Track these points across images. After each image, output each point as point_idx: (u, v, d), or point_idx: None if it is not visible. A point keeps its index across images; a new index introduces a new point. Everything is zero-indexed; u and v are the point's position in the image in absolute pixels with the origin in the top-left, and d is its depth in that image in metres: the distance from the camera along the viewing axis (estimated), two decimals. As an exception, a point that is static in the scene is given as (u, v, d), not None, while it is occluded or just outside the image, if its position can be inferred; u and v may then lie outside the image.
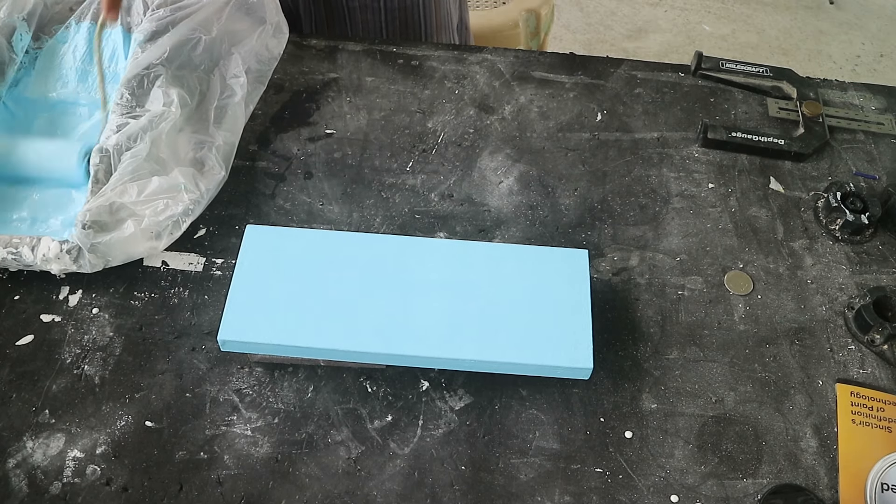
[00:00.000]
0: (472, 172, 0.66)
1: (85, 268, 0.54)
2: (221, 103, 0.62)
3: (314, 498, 0.48)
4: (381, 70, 0.74)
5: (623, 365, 0.55)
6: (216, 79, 0.62)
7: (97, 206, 0.54)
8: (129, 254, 0.56)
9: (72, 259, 0.54)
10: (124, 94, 0.59)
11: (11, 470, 0.48)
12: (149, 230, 0.55)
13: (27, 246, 0.54)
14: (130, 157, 0.56)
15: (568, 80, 0.74)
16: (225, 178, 0.60)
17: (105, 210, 0.54)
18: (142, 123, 0.57)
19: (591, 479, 0.50)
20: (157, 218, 0.55)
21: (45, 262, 0.54)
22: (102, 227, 0.54)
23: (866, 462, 0.50)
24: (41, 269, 0.55)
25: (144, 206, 0.55)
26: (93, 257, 0.54)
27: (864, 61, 2.10)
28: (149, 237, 0.55)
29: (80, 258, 0.54)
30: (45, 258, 0.54)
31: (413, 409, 0.52)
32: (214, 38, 0.62)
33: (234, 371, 0.54)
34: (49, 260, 0.54)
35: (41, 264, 0.54)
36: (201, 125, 0.61)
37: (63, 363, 0.53)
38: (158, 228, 0.55)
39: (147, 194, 0.55)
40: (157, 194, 0.56)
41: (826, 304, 0.58)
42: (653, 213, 0.64)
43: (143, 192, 0.55)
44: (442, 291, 0.52)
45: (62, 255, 0.54)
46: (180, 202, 0.56)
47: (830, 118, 0.71)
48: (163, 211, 0.55)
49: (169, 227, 0.56)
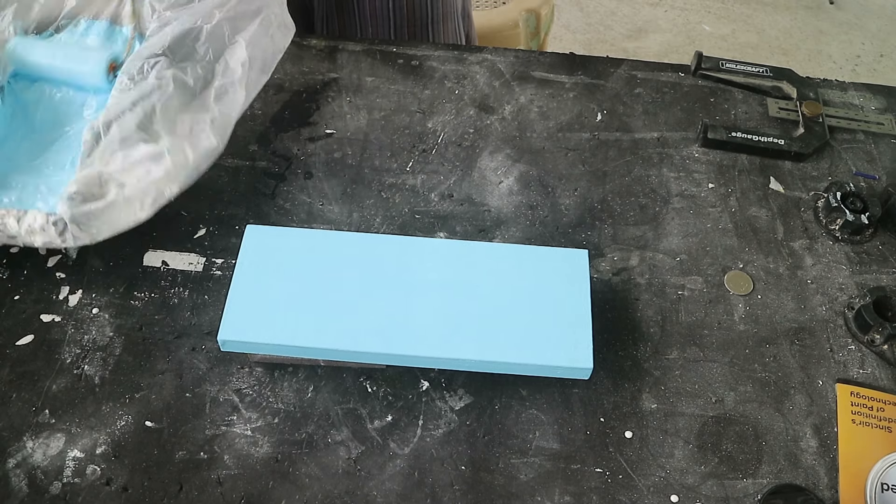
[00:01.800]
0: (472, 172, 0.66)
1: (68, 241, 0.53)
2: (222, 82, 0.61)
3: (314, 498, 0.48)
4: (381, 70, 0.74)
5: (623, 365, 0.55)
6: (220, 66, 0.62)
7: (84, 177, 0.53)
8: (114, 225, 0.54)
9: (57, 232, 0.52)
10: (124, 80, 0.58)
11: (11, 470, 0.49)
12: (133, 199, 0.53)
13: (13, 217, 0.53)
14: (117, 126, 0.55)
15: (568, 80, 0.74)
16: (218, 150, 0.58)
17: (93, 181, 0.53)
18: (132, 96, 0.56)
19: (591, 479, 0.50)
20: (140, 185, 0.53)
21: (29, 234, 0.53)
22: (90, 200, 0.53)
23: (866, 462, 0.50)
24: (25, 242, 0.53)
25: (128, 175, 0.54)
26: (75, 229, 0.52)
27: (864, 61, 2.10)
28: (132, 206, 0.54)
29: (64, 232, 0.53)
30: (29, 229, 0.53)
31: (413, 409, 0.52)
32: (216, 28, 0.62)
33: (234, 371, 0.54)
34: (34, 231, 0.53)
35: (25, 236, 0.53)
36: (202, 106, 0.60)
37: (63, 363, 0.53)
38: (142, 196, 0.54)
39: (131, 161, 0.54)
40: (141, 161, 0.54)
41: (826, 304, 0.58)
42: (653, 213, 0.64)
43: (127, 160, 0.54)
44: (442, 291, 0.52)
45: (48, 226, 0.52)
46: (163, 166, 0.54)
47: (830, 118, 0.71)
48: (144, 177, 0.54)
49: (152, 193, 0.54)
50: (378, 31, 0.86)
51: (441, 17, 0.88)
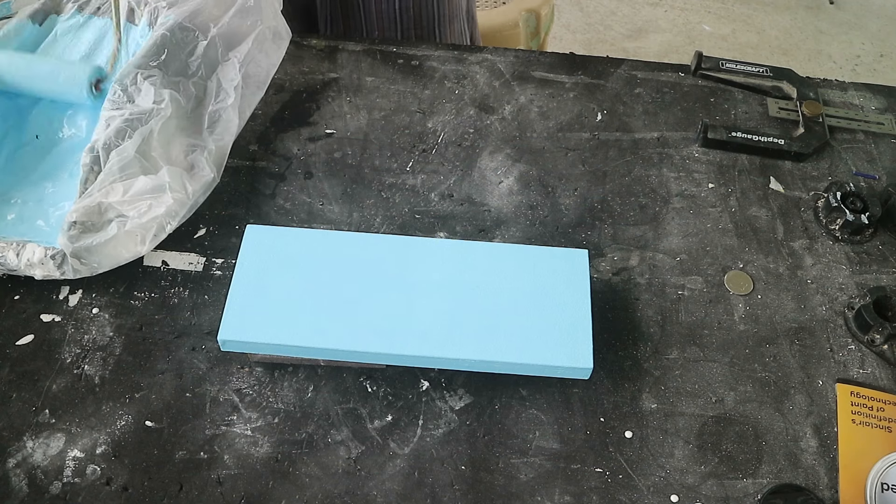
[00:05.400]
0: (472, 172, 0.66)
1: (68, 274, 0.53)
2: (216, 107, 0.61)
3: (314, 498, 0.48)
4: (381, 70, 0.74)
5: (623, 365, 0.55)
6: (213, 84, 0.62)
7: (84, 207, 0.53)
8: (114, 259, 0.55)
9: (56, 265, 0.53)
10: (117, 91, 0.58)
11: (11, 470, 0.49)
12: (133, 233, 0.54)
13: (12, 251, 0.53)
14: (117, 154, 0.55)
15: (568, 80, 0.74)
16: (215, 181, 0.59)
17: (93, 211, 0.53)
18: (130, 119, 0.56)
19: (591, 479, 0.50)
20: (141, 220, 0.54)
21: (28, 268, 0.53)
22: (90, 230, 0.53)
23: (866, 462, 0.50)
24: (25, 274, 0.54)
25: (129, 207, 0.54)
26: (76, 262, 0.53)
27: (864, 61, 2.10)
28: (133, 240, 0.54)
29: (63, 264, 0.53)
30: (28, 263, 0.53)
31: (413, 408, 0.52)
32: (211, 43, 0.62)
33: (234, 371, 0.54)
34: (33, 265, 0.53)
35: (25, 269, 0.53)
36: (195, 129, 0.60)
37: (63, 363, 0.53)
38: (143, 231, 0.54)
39: (132, 194, 0.54)
40: (141, 194, 0.54)
41: (826, 304, 0.58)
42: (653, 213, 0.64)
43: (128, 192, 0.54)
44: (442, 291, 0.52)
45: (46, 260, 0.53)
46: (164, 203, 0.55)
47: (830, 118, 0.71)
48: (146, 212, 0.54)
49: (153, 229, 0.55)
50: (384, 33, 0.85)
51: (448, 19, 0.88)
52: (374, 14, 0.84)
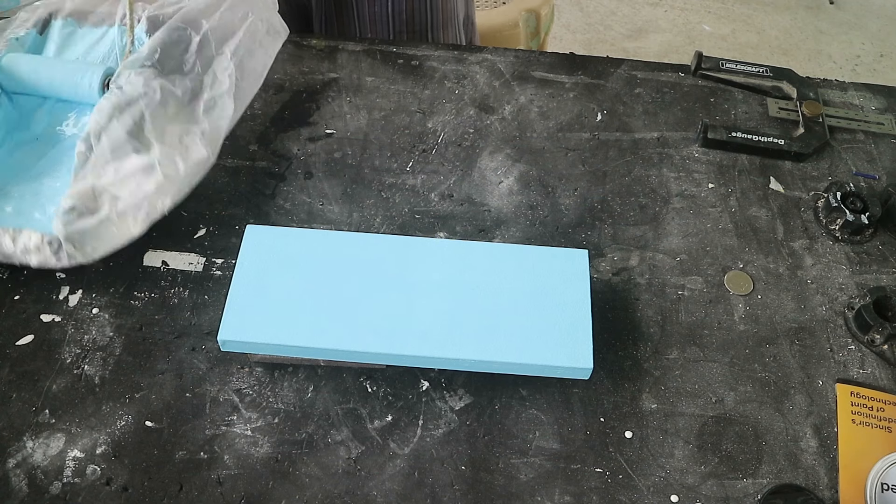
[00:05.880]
0: (472, 172, 0.66)
1: (63, 260, 0.53)
2: (210, 95, 0.61)
3: (314, 498, 0.48)
4: (381, 70, 0.74)
5: (623, 365, 0.55)
6: (209, 78, 0.62)
7: (78, 191, 0.53)
8: (108, 242, 0.54)
9: (52, 251, 0.53)
10: (112, 89, 0.59)
11: (11, 470, 0.49)
12: (126, 213, 0.53)
13: (9, 237, 0.53)
14: (106, 136, 0.54)
15: (568, 80, 0.74)
16: (210, 161, 0.58)
17: (87, 195, 0.53)
18: (117, 101, 0.56)
19: (591, 479, 0.50)
20: (132, 199, 0.53)
21: (24, 254, 0.53)
22: (85, 214, 0.53)
23: (866, 462, 0.50)
24: (21, 261, 0.54)
25: (121, 187, 0.53)
26: (70, 248, 0.53)
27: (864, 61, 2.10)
28: (125, 221, 0.54)
29: (59, 251, 0.53)
30: (25, 249, 0.53)
31: (413, 409, 0.52)
32: (204, 39, 0.62)
33: (234, 371, 0.54)
34: (29, 251, 0.53)
35: (21, 255, 0.53)
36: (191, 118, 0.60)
37: (63, 363, 0.53)
38: (134, 210, 0.54)
39: (123, 174, 0.53)
40: (132, 173, 0.54)
41: (826, 304, 0.58)
42: (653, 213, 0.64)
43: (119, 173, 0.53)
44: (442, 291, 0.52)
45: (43, 245, 0.52)
46: (154, 180, 0.54)
47: (830, 118, 0.71)
48: (136, 191, 0.53)
49: (145, 207, 0.54)
50: (377, 35, 0.86)
51: (441, 24, 0.87)
52: (367, 17, 0.84)
